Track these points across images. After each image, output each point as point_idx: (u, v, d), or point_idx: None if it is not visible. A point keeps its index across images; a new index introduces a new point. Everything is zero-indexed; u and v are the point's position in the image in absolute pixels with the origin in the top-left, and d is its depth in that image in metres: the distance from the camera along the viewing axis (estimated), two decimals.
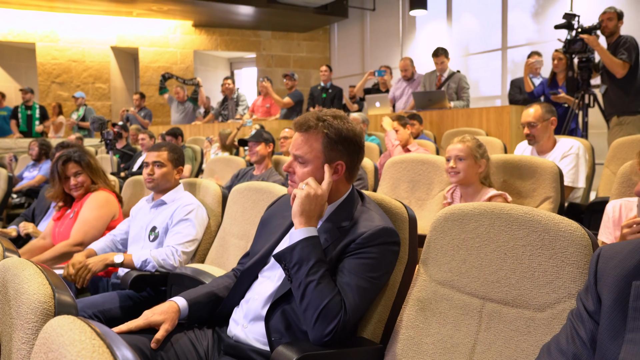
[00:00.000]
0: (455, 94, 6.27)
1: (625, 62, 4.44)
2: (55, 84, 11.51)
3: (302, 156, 1.69)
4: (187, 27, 12.28)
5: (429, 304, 1.62)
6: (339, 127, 1.68)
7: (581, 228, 1.39)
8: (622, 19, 4.62)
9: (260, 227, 1.94)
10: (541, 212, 1.47)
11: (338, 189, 1.74)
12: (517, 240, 1.48)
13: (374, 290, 1.64)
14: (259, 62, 12.91)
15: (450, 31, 10.55)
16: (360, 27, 12.34)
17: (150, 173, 2.72)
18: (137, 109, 9.50)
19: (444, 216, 1.66)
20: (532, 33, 9.09)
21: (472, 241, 1.58)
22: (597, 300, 1.05)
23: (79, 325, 0.85)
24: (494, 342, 1.46)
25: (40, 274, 1.20)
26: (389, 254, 1.65)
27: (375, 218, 1.66)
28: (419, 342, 1.60)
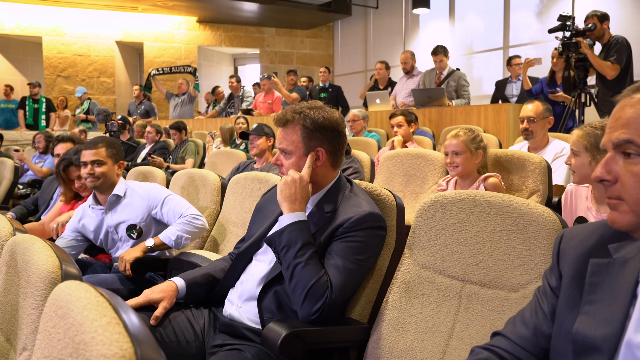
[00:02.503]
0: (455, 92, 6.35)
1: (615, 64, 4.51)
2: (61, 78, 11.64)
3: (285, 148, 1.79)
4: (191, 22, 12.39)
5: (412, 286, 1.71)
6: (314, 116, 1.77)
7: (553, 213, 1.48)
8: (606, 20, 4.67)
9: (255, 213, 2.04)
10: (517, 198, 1.56)
11: (325, 176, 1.83)
12: (495, 226, 1.57)
13: (360, 272, 1.72)
14: (263, 58, 13.00)
15: (453, 30, 10.62)
16: (363, 25, 12.42)
17: (91, 172, 2.61)
18: (137, 100, 9.59)
19: (429, 203, 1.75)
20: (535, 32, 9.16)
21: (453, 227, 1.67)
22: (559, 276, 1.13)
23: (84, 287, 0.94)
24: (472, 322, 1.55)
25: (48, 247, 1.30)
26: (376, 237, 1.74)
27: (362, 204, 1.75)
28: (402, 322, 1.69)
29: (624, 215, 0.95)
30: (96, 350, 0.75)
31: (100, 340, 0.76)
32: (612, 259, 1.05)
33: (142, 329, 0.82)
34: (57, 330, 0.92)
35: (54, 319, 0.95)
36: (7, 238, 1.54)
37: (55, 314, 0.94)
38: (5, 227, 1.65)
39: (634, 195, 0.93)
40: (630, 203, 0.94)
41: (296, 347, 1.56)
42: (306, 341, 1.58)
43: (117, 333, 0.77)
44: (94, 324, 0.79)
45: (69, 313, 0.88)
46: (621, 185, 0.95)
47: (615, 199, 0.96)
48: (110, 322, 0.79)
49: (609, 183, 0.97)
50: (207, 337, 1.81)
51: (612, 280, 1.02)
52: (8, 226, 1.66)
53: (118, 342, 0.75)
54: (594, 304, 1.03)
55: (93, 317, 0.81)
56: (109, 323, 0.79)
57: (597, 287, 1.04)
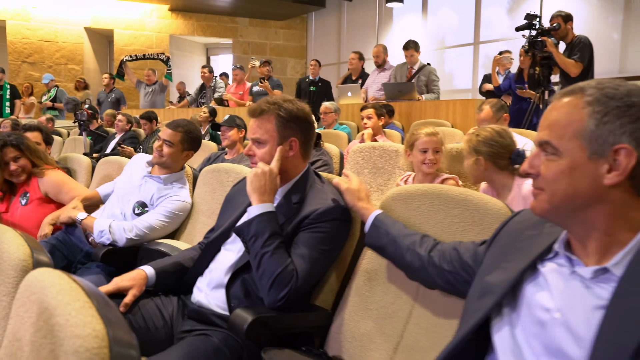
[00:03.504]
0: (425, 86, 6.45)
1: (578, 62, 4.68)
2: (26, 64, 11.37)
3: (259, 138, 1.82)
4: (163, 10, 12.23)
5: (375, 274, 1.79)
6: (289, 107, 1.82)
7: (505, 207, 1.56)
8: (570, 21, 4.85)
9: (225, 204, 2.09)
10: (474, 192, 1.64)
11: (295, 166, 1.88)
12: (453, 218, 1.65)
13: (325, 261, 1.79)
14: (235, 48, 12.92)
15: (426, 24, 10.73)
16: (337, 17, 12.45)
17: (159, 149, 2.68)
18: (107, 89, 9.48)
19: (392, 196, 1.82)
20: (505, 29, 9.29)
21: (414, 218, 1.74)
22: (489, 245, 1.31)
23: (57, 273, 0.98)
24: (428, 308, 1.63)
25: (19, 237, 1.33)
26: (340, 229, 1.81)
27: (328, 196, 1.81)
28: (364, 308, 1.76)
29: (541, 203, 1.07)
30: (70, 331, 0.80)
31: (74, 322, 0.81)
32: (541, 232, 1.18)
33: (114, 312, 0.88)
34: (31, 314, 0.96)
35: (27, 304, 0.99)
36: None
37: (29, 300, 0.98)
38: None
39: (550, 187, 1.04)
40: (548, 193, 1.05)
41: (262, 332, 1.63)
42: (272, 327, 1.65)
43: (90, 316, 0.82)
44: (67, 307, 0.84)
45: (43, 298, 0.92)
46: (542, 178, 1.06)
47: (538, 189, 1.08)
48: (84, 305, 0.84)
49: (533, 176, 1.08)
50: (175, 323, 1.85)
51: (530, 245, 1.17)
52: None
53: (91, 324, 0.81)
54: (508, 262, 1.18)
55: (67, 301, 0.86)
56: (82, 307, 0.84)
57: (520, 251, 1.18)
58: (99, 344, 0.78)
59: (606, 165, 0.99)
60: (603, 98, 1.00)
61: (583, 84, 1.05)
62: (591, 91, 1.01)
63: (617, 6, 7.90)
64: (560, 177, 1.02)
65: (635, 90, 1.00)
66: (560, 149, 1.02)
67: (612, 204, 1.00)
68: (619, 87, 1.00)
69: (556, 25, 4.61)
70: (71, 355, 0.78)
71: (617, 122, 0.98)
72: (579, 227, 1.04)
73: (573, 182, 1.01)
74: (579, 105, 1.02)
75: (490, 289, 1.15)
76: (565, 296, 1.04)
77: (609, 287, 0.99)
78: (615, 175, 0.98)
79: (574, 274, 1.05)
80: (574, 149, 1.01)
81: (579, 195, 1.01)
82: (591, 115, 1.00)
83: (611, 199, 1.00)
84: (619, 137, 0.98)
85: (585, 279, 1.03)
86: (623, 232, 1.01)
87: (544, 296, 1.07)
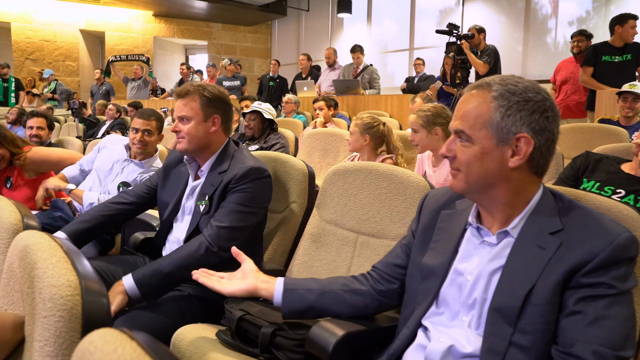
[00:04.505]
0: (369, 83, 6.47)
1: (485, 64, 4.83)
2: (29, 60, 10.89)
3: (185, 115, 1.74)
4: (148, 16, 11.85)
5: (319, 237, 1.80)
6: (211, 90, 1.77)
7: (424, 180, 1.60)
8: (483, 33, 5.01)
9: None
10: (399, 168, 1.67)
11: (217, 141, 1.79)
12: (382, 189, 1.67)
13: (250, 216, 1.68)
14: (210, 49, 12.66)
15: (370, 32, 10.72)
16: (296, 24, 12.31)
17: (141, 140, 2.54)
18: (99, 82, 9.20)
19: (333, 171, 1.83)
20: (435, 38, 9.36)
21: (351, 190, 1.76)
22: (418, 223, 1.25)
23: (40, 234, 0.96)
24: (363, 264, 1.66)
25: (10, 204, 1.28)
26: (261, 187, 1.71)
27: (245, 161, 1.73)
28: (310, 265, 1.78)
29: (459, 182, 1.06)
30: (47, 281, 0.78)
31: (50, 274, 0.79)
32: (455, 210, 1.17)
33: (87, 267, 0.85)
34: (19, 269, 0.94)
35: (16, 261, 0.96)
36: None
37: (17, 257, 0.96)
38: None
39: (464, 167, 1.04)
40: (463, 173, 1.05)
41: None
42: None
43: (65, 269, 0.80)
44: (46, 262, 0.82)
45: (27, 255, 0.90)
46: (458, 161, 1.05)
47: (455, 170, 1.07)
48: (60, 260, 0.82)
49: (450, 159, 1.07)
50: None
51: (452, 224, 1.15)
52: None
53: (65, 275, 0.79)
54: (437, 242, 1.16)
55: (45, 257, 0.83)
56: (59, 261, 0.82)
57: (442, 230, 1.16)
58: (72, 292, 0.76)
59: (510, 150, 1.00)
60: (506, 93, 0.99)
61: (489, 79, 1.04)
62: (496, 87, 1.01)
63: (519, 24, 8.16)
64: (473, 161, 1.02)
65: (531, 87, 1.00)
66: (472, 137, 1.01)
67: (514, 182, 1.02)
68: (518, 84, 1.00)
69: (471, 34, 4.70)
70: (48, 302, 0.76)
71: (517, 114, 0.98)
72: (487, 202, 1.05)
73: (484, 165, 1.01)
74: (486, 99, 1.01)
75: (432, 270, 1.12)
76: (475, 262, 1.06)
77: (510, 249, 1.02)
78: (517, 160, 1.00)
79: (483, 242, 1.07)
80: (483, 138, 1.01)
81: (489, 175, 1.01)
82: (497, 109, 0.99)
83: (513, 178, 1.01)
84: (520, 127, 0.98)
85: (492, 244, 1.05)
86: (521, 203, 1.03)
87: (461, 263, 1.09)
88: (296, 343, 1.27)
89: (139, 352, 0.51)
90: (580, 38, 4.81)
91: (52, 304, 0.75)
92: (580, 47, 4.80)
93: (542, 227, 0.99)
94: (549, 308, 0.93)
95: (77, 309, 0.75)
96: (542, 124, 0.99)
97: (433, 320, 1.10)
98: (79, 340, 0.74)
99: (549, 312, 0.93)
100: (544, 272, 0.95)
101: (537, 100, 0.99)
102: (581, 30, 4.92)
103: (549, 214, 1.01)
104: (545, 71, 7.43)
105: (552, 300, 0.93)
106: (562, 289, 0.94)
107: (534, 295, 0.94)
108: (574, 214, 1.00)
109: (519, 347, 0.94)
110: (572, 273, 0.93)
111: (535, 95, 1.00)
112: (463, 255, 1.09)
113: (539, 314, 0.93)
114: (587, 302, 0.91)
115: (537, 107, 0.99)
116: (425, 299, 1.12)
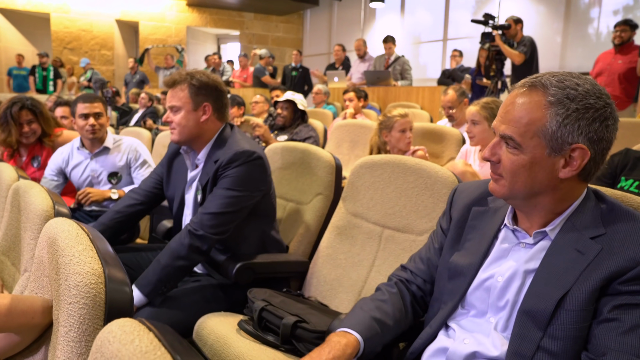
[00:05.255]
0: (400, 74, 6.40)
1: (521, 54, 4.70)
2: (66, 50, 11.19)
3: (174, 105, 1.71)
4: (181, 5, 11.99)
5: (344, 230, 1.79)
6: (200, 78, 1.71)
7: (453, 175, 1.56)
8: (520, 24, 4.86)
9: (166, 161, 1.93)
10: (427, 162, 1.64)
11: (210, 129, 1.75)
12: (409, 184, 1.65)
13: (241, 199, 1.64)
14: (242, 39, 12.72)
15: (404, 22, 10.57)
16: (328, 14, 12.25)
17: (94, 124, 2.44)
18: (132, 71, 9.38)
19: (360, 164, 1.81)
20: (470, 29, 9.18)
21: (378, 184, 1.74)
22: (449, 220, 1.20)
23: (69, 222, 0.98)
24: (388, 258, 1.65)
25: (43, 191, 1.32)
26: (252, 169, 1.66)
27: (233, 145, 1.68)
28: (335, 258, 1.77)
29: (502, 188, 1.00)
30: (73, 269, 0.80)
31: (76, 262, 0.81)
32: (488, 207, 1.12)
33: (111, 255, 0.87)
34: (47, 255, 0.97)
35: (46, 247, 0.99)
36: (11, 183, 1.56)
37: (46, 243, 0.99)
38: (11, 174, 1.67)
39: (510, 177, 0.98)
40: (507, 180, 0.99)
41: (247, 275, 1.64)
42: (255, 271, 1.66)
43: (90, 257, 0.82)
44: (72, 250, 0.84)
45: (55, 242, 0.92)
46: (502, 167, 0.98)
47: (497, 175, 1.01)
48: (85, 248, 0.84)
49: (494, 162, 1.01)
50: None
51: (484, 224, 1.11)
52: (13, 173, 1.68)
53: (90, 264, 0.81)
54: (469, 242, 1.12)
55: (72, 244, 0.86)
56: (85, 249, 0.84)
57: (474, 229, 1.12)
58: (96, 280, 0.78)
59: (562, 160, 0.93)
60: (564, 100, 0.91)
61: (545, 78, 0.94)
62: (553, 90, 0.92)
63: (559, 15, 7.90)
64: (521, 171, 0.95)
65: (592, 90, 0.92)
66: (522, 145, 0.94)
67: (561, 191, 0.97)
68: (578, 87, 0.92)
69: (507, 24, 4.58)
70: (73, 289, 0.78)
71: (576, 124, 0.91)
72: (529, 208, 1.00)
73: (532, 175, 0.95)
74: (541, 104, 0.93)
75: (460, 270, 1.08)
76: (508, 263, 1.02)
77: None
78: (570, 171, 0.94)
79: (518, 244, 1.03)
80: (535, 147, 0.93)
81: (536, 185, 0.96)
82: (553, 117, 0.91)
83: (562, 187, 0.96)
84: (577, 137, 0.91)
85: (528, 246, 1.01)
86: (564, 208, 0.99)
87: (492, 265, 1.05)
88: (317, 335, 1.28)
89: (155, 344, 0.52)
90: (624, 28, 4.61)
91: (77, 291, 0.77)
92: (622, 37, 4.61)
93: (583, 231, 0.95)
94: (583, 315, 0.90)
95: (101, 297, 0.77)
96: (601, 134, 0.92)
97: (458, 320, 1.08)
98: (101, 327, 0.76)
99: (583, 319, 0.90)
100: (580, 277, 0.91)
101: (598, 108, 0.91)
102: (626, 19, 4.71)
103: (591, 217, 0.96)
104: (584, 63, 7.19)
105: (587, 307, 0.90)
106: (599, 295, 0.90)
107: (568, 301, 0.91)
108: (617, 218, 0.95)
109: (547, 352, 0.91)
110: (611, 280, 0.89)
111: (597, 102, 0.91)
112: (495, 257, 1.06)
113: (572, 320, 0.90)
114: (624, 310, 0.87)
115: (597, 115, 0.91)
116: (452, 299, 1.09)
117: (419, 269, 1.24)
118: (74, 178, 2.58)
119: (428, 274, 1.22)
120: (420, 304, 1.22)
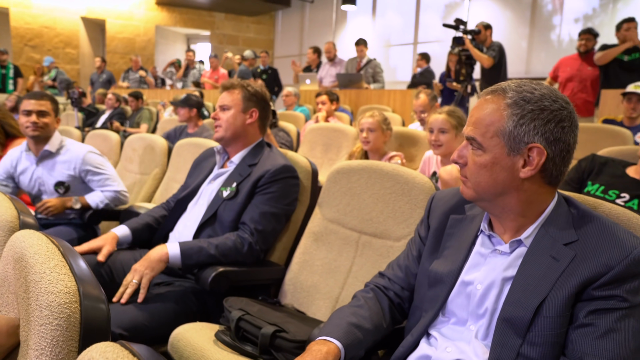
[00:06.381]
0: (372, 77, 6.43)
1: (490, 58, 4.87)
2: (28, 47, 10.80)
3: (226, 104, 1.88)
4: (150, 4, 11.76)
5: (320, 236, 1.78)
6: (254, 87, 1.92)
7: (430, 181, 1.57)
8: (489, 29, 5.03)
9: (192, 169, 2.08)
10: (404, 169, 1.64)
11: (252, 134, 1.92)
12: (386, 189, 1.64)
13: (282, 215, 1.80)
14: (212, 39, 12.59)
15: (374, 25, 10.64)
16: (300, 16, 12.23)
17: (36, 121, 2.30)
18: (99, 71, 9.16)
19: (336, 170, 1.80)
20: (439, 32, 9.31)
21: (354, 189, 1.73)
22: (427, 228, 1.22)
23: (37, 235, 0.93)
24: (365, 264, 1.64)
25: (7, 200, 1.25)
26: (291, 186, 1.82)
27: (277, 159, 1.83)
28: (311, 264, 1.75)
29: (469, 190, 1.04)
30: (44, 287, 0.76)
31: (48, 280, 0.76)
32: (465, 215, 1.14)
33: (86, 270, 0.83)
34: (14, 271, 0.92)
35: (12, 262, 0.94)
36: None
37: (12, 258, 0.93)
38: None
39: (474, 177, 1.02)
40: (471, 181, 1.02)
41: (223, 283, 1.60)
42: (231, 279, 1.63)
43: (63, 274, 0.78)
44: (43, 266, 0.79)
45: (23, 257, 0.87)
46: (468, 168, 1.03)
47: (464, 177, 1.04)
48: (57, 264, 0.80)
49: (461, 165, 1.04)
50: None
51: (462, 231, 1.12)
52: None
53: (63, 281, 0.76)
54: (447, 249, 1.13)
55: (43, 260, 0.81)
56: (57, 265, 0.80)
57: (452, 236, 1.13)
58: (69, 299, 0.74)
59: (521, 160, 0.97)
60: (520, 101, 0.96)
61: (505, 84, 1.00)
62: (511, 94, 0.97)
63: (525, 20, 8.11)
64: (483, 171, 0.99)
65: (548, 94, 0.96)
66: (484, 145, 0.99)
67: (525, 192, 0.99)
68: (535, 91, 0.97)
69: (477, 29, 4.68)
70: (45, 309, 0.73)
71: (531, 124, 0.95)
72: (498, 210, 1.03)
73: (494, 175, 0.99)
74: (500, 107, 0.98)
75: (440, 278, 1.10)
76: (486, 270, 1.04)
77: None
78: (529, 170, 0.97)
79: (495, 251, 1.05)
80: (495, 146, 0.98)
81: (499, 185, 0.99)
82: (510, 117, 0.96)
83: (525, 188, 0.99)
84: (533, 137, 0.95)
85: (504, 253, 1.03)
86: (534, 213, 1.01)
87: (471, 272, 1.07)
88: (296, 345, 1.26)
89: None
90: (589, 37, 4.79)
91: (49, 312, 0.72)
92: (587, 45, 4.78)
93: (556, 238, 0.97)
94: (560, 321, 0.92)
95: (75, 317, 0.73)
96: (557, 134, 0.96)
97: (439, 328, 1.08)
98: (76, 349, 0.72)
99: (560, 325, 0.92)
100: (556, 284, 0.93)
101: (553, 110, 0.96)
102: (589, 28, 4.89)
103: (563, 224, 0.99)
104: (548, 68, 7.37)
105: (564, 313, 0.92)
106: (574, 301, 0.92)
107: (545, 308, 0.92)
108: (588, 224, 0.98)
109: (527, 358, 0.93)
110: (585, 286, 0.92)
111: (552, 104, 0.96)
112: (473, 264, 1.07)
113: (550, 326, 0.92)
114: (599, 315, 0.90)
115: (552, 116, 0.96)
116: (433, 306, 1.10)
117: (397, 276, 1.24)
118: (23, 184, 2.45)
119: (406, 281, 1.22)
120: (398, 310, 1.22)
